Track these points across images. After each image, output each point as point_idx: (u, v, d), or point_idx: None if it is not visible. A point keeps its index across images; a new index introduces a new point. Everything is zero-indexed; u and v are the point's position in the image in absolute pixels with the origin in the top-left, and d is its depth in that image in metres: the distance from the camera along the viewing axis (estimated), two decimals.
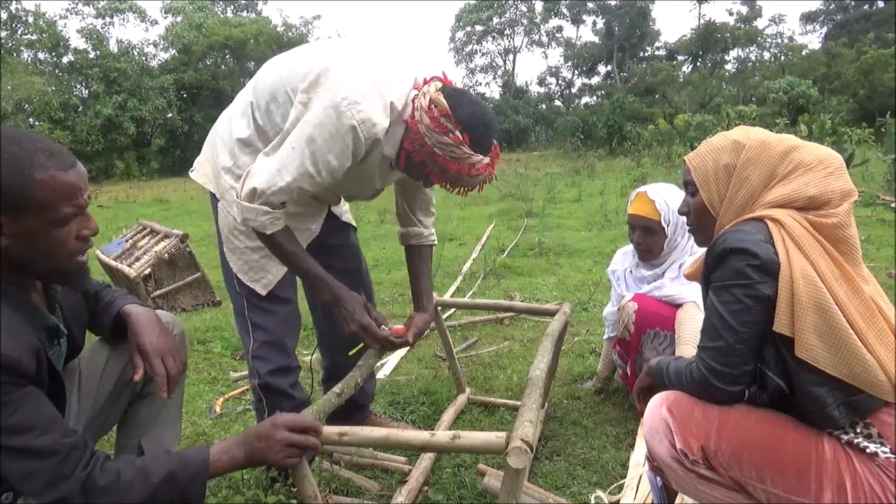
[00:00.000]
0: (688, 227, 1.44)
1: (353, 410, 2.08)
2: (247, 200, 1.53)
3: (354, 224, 2.10)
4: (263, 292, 1.76)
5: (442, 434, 1.23)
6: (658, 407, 1.28)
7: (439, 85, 1.55)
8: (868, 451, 1.13)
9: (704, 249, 1.33)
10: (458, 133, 1.48)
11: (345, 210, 2.05)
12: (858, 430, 1.16)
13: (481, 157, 1.52)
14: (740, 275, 1.17)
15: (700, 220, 1.36)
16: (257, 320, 1.79)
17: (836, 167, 1.24)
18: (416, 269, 1.98)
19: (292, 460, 1.22)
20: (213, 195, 1.79)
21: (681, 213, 1.43)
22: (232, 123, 1.73)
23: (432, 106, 1.49)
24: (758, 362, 1.21)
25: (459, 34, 45.86)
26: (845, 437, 1.16)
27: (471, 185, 1.57)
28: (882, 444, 1.13)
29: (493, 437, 1.17)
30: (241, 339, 1.88)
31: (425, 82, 1.58)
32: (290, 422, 1.20)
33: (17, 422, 1.03)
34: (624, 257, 2.38)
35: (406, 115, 1.55)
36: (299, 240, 1.79)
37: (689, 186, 1.37)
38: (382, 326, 1.70)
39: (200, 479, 1.14)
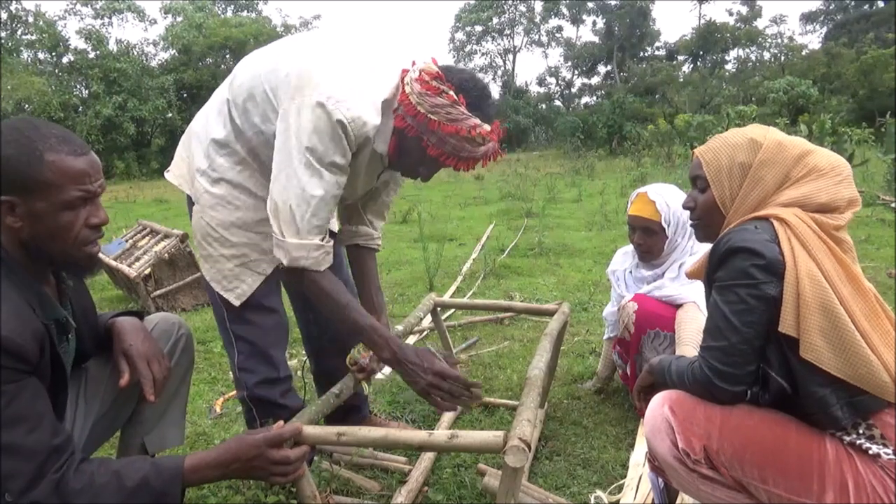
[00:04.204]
0: (692, 222, 1.40)
1: (348, 412, 2.04)
2: (292, 234, 1.43)
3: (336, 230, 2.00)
4: (237, 303, 1.67)
5: (440, 433, 1.23)
6: (660, 406, 1.27)
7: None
8: (870, 452, 1.13)
9: (706, 249, 1.33)
10: (451, 93, 1.41)
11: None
12: (861, 432, 1.15)
13: (481, 121, 1.43)
14: (745, 274, 1.16)
15: (707, 217, 1.33)
16: (240, 332, 1.70)
17: (847, 175, 1.24)
18: (364, 268, 1.89)
19: (287, 477, 1.21)
20: (189, 197, 1.70)
21: (686, 207, 1.39)
22: (208, 122, 1.64)
23: (423, 73, 1.43)
24: (760, 362, 1.20)
25: (459, 34, 45.91)
26: (848, 438, 1.15)
27: (473, 154, 1.45)
28: (885, 446, 1.13)
29: (490, 436, 1.17)
30: (226, 351, 1.79)
31: (413, 64, 1.50)
32: (266, 439, 1.19)
33: (9, 415, 1.03)
34: (624, 257, 2.38)
35: (396, 103, 1.47)
36: None
37: (699, 181, 1.33)
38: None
39: (174, 488, 1.13)
